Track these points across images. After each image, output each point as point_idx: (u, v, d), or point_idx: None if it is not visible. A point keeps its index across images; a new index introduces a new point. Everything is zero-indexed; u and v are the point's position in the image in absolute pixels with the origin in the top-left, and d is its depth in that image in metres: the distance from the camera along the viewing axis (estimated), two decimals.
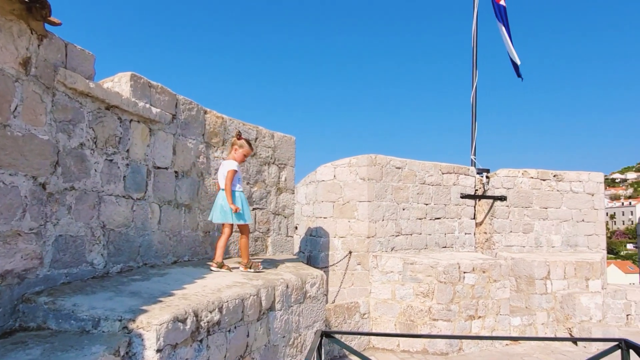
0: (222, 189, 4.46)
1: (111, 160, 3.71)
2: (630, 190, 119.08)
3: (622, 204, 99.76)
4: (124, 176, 3.85)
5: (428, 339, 7.26)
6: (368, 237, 7.93)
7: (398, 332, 7.50)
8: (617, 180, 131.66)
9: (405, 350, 7.27)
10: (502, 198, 9.58)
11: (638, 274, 12.46)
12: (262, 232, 5.96)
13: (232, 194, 4.40)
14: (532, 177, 10.00)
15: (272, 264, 5.21)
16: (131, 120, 3.92)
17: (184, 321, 2.92)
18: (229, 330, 3.46)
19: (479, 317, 7.71)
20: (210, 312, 3.21)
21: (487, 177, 9.84)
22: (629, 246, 67.56)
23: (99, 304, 2.86)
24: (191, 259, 4.74)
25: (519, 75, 11.18)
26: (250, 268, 4.52)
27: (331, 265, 7.94)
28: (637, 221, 13.42)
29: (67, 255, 3.25)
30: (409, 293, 7.55)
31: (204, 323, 3.13)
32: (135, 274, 3.79)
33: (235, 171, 4.45)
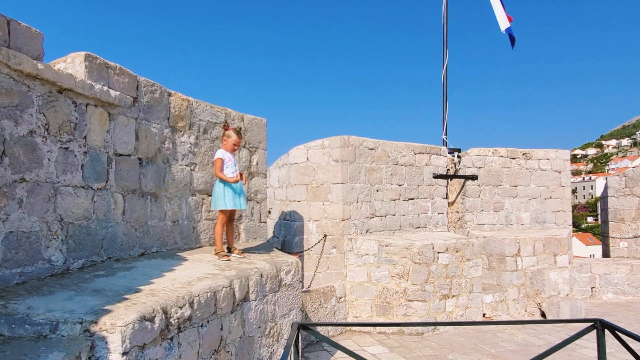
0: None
1: (67, 149, 3.42)
2: (590, 166, 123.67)
3: (583, 178, 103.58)
4: (82, 165, 3.58)
5: (404, 318, 7.28)
6: (342, 220, 7.83)
7: (374, 313, 7.50)
8: (578, 156, 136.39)
9: (382, 332, 7.28)
10: (473, 177, 9.62)
11: (601, 246, 12.86)
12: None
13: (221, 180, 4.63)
14: (502, 156, 10.08)
15: (245, 251, 5.04)
16: (87, 105, 3.63)
17: (152, 320, 2.73)
18: (202, 325, 3.29)
19: (453, 296, 7.78)
20: (181, 307, 3.04)
21: (458, 156, 9.85)
22: (589, 219, 70.32)
23: (57, 306, 2.64)
24: (160, 250, 4.51)
25: (512, 44, 10.86)
26: (216, 255, 4.57)
27: (306, 250, 7.82)
28: (597, 195, 13.77)
29: (21, 253, 2.99)
30: (385, 275, 7.52)
31: (174, 320, 2.95)
32: (98, 269, 3.55)
33: (221, 159, 4.62)
